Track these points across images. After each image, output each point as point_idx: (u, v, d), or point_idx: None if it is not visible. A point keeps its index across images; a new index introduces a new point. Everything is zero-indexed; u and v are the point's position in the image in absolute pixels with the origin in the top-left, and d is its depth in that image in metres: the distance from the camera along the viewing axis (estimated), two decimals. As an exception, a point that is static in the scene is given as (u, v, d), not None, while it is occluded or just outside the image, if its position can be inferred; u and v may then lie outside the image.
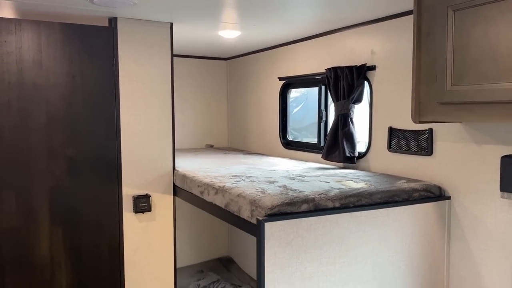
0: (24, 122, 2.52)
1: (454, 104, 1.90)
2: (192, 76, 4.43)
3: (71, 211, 2.67)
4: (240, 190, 2.16)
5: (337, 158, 2.93)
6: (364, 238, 2.07)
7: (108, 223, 2.78)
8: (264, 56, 3.96)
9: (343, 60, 2.96)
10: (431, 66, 1.98)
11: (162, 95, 2.93)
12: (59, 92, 2.60)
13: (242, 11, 2.59)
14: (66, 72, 2.61)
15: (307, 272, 1.94)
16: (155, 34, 2.86)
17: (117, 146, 2.78)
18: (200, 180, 2.58)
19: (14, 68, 2.47)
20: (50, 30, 2.56)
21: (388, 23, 2.64)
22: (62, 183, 2.63)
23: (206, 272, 4.31)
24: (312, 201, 1.96)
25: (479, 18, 1.76)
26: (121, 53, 2.76)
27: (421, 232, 2.23)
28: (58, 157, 2.61)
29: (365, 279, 2.09)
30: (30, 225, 2.56)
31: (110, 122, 2.76)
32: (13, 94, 2.48)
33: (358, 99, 2.87)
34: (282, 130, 3.78)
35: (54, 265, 2.64)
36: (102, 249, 2.77)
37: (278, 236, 1.85)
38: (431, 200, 2.27)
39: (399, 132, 2.60)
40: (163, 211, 2.98)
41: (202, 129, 4.55)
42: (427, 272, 2.26)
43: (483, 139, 2.12)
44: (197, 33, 3.22)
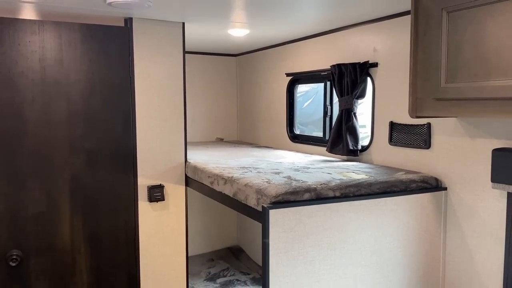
0: (46, 116, 2.69)
1: (448, 100, 2.02)
2: (202, 72, 4.58)
3: (90, 200, 2.85)
4: (247, 180, 2.32)
5: (341, 151, 3.07)
6: (363, 225, 2.21)
7: (124, 211, 2.96)
8: (272, 52, 4.10)
9: (347, 57, 3.09)
10: (427, 64, 2.10)
11: (175, 91, 3.09)
12: (78, 89, 2.77)
13: (251, 12, 2.73)
14: (85, 70, 2.78)
15: (309, 256, 2.09)
16: (168, 33, 3.01)
17: (133, 139, 2.95)
18: (210, 171, 2.74)
19: (38, 66, 2.65)
20: (70, 30, 2.72)
21: (389, 22, 2.75)
22: (81, 173, 2.81)
23: (216, 260, 4.50)
24: (314, 190, 2.11)
25: (471, 19, 1.88)
26: (136, 52, 2.92)
27: (417, 221, 2.36)
28: (77, 149, 2.79)
29: (364, 263, 2.23)
30: (53, 212, 2.75)
31: (126, 117, 2.92)
32: (37, 90, 2.66)
33: (361, 95, 3.00)
34: (289, 124, 3.92)
35: (74, 250, 2.83)
36: (119, 236, 2.95)
37: (281, 222, 2.01)
38: (428, 191, 2.39)
39: (400, 126, 2.73)
40: (176, 201, 3.15)
41: (213, 123, 4.71)
42: (424, 258, 2.40)
43: (476, 133, 2.24)
44: (207, 32, 3.37)
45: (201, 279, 4.06)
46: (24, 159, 2.65)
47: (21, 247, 2.68)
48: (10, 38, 2.57)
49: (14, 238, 2.67)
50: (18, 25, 2.59)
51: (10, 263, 2.64)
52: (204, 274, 4.17)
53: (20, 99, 2.63)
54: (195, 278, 4.02)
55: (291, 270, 2.05)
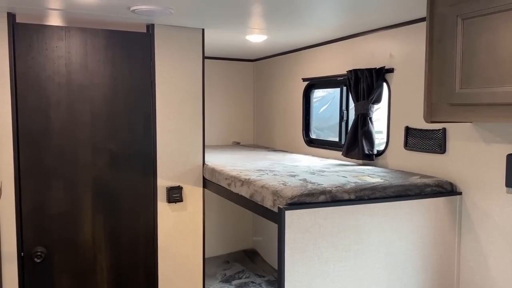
0: (71, 118, 2.80)
1: (462, 105, 2.05)
2: (220, 77, 4.67)
3: (111, 200, 2.95)
4: (264, 182, 2.38)
5: (356, 155, 3.11)
6: (377, 228, 2.25)
7: (144, 211, 3.05)
8: (289, 58, 4.16)
9: (363, 62, 3.13)
10: (442, 69, 2.14)
11: (194, 95, 3.17)
12: (102, 92, 2.88)
13: (269, 18, 2.80)
14: (109, 74, 2.88)
15: (324, 257, 2.13)
16: (188, 39, 3.10)
17: (153, 141, 3.04)
18: (227, 173, 2.81)
19: (64, 70, 2.76)
20: (95, 36, 2.83)
21: (405, 29, 2.79)
22: (104, 174, 2.91)
23: (231, 262, 4.55)
24: (329, 192, 2.16)
25: (485, 26, 1.91)
26: (158, 57, 3.01)
27: (432, 224, 2.38)
28: (100, 151, 2.89)
29: (378, 266, 2.27)
30: (75, 211, 2.85)
31: (147, 120, 3.02)
32: (63, 94, 2.77)
33: (377, 100, 3.03)
34: (305, 128, 3.97)
35: (96, 248, 2.92)
36: (138, 235, 3.04)
37: (297, 223, 2.06)
38: (443, 195, 2.42)
39: (415, 131, 2.76)
40: (194, 202, 3.23)
41: (229, 127, 4.79)
42: (438, 261, 2.42)
43: (491, 139, 2.26)
44: (226, 38, 3.46)
45: (217, 281, 4.12)
46: (50, 159, 2.77)
47: (45, 244, 2.79)
48: (38, 43, 2.69)
49: (39, 235, 2.78)
50: (46, 31, 2.72)
51: (35, 259, 2.75)
52: (219, 276, 4.23)
53: (47, 102, 2.74)
54: (211, 280, 4.09)
55: (306, 270, 2.10)
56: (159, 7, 2.49)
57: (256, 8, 2.58)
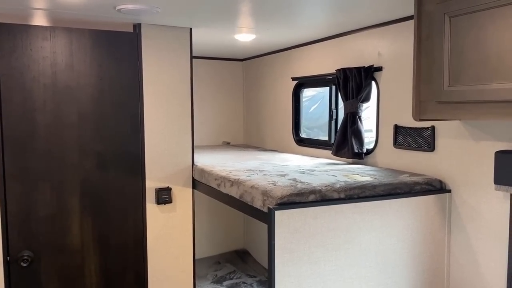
0: (57, 120, 2.76)
1: (451, 103, 2.06)
2: (209, 77, 4.64)
3: (99, 202, 2.90)
4: (253, 182, 2.36)
5: (346, 154, 3.10)
6: (368, 226, 2.24)
7: (132, 213, 3.01)
8: (278, 57, 4.15)
9: (352, 61, 3.13)
10: (430, 67, 2.14)
11: (182, 95, 3.15)
12: (88, 93, 2.83)
13: (257, 17, 2.78)
14: (95, 75, 2.84)
15: (314, 256, 2.12)
16: (176, 39, 3.07)
17: (141, 142, 3.01)
18: (217, 173, 2.79)
19: (49, 71, 2.72)
20: (81, 36, 2.79)
21: (393, 27, 2.79)
22: (91, 176, 2.87)
23: (223, 263, 4.53)
24: (319, 192, 2.15)
25: (472, 24, 1.91)
26: (145, 57, 2.98)
27: (422, 222, 2.39)
28: (88, 152, 2.85)
29: (368, 264, 2.26)
30: (63, 214, 2.81)
31: (135, 120, 2.98)
32: (48, 95, 2.73)
33: (366, 99, 3.03)
34: (295, 127, 3.96)
35: (84, 251, 2.88)
36: (127, 238, 3.00)
37: (287, 223, 2.04)
38: (433, 193, 2.42)
39: (404, 129, 2.76)
40: (183, 203, 3.20)
41: (219, 126, 4.77)
42: (428, 259, 2.42)
43: (480, 136, 2.27)
44: (214, 37, 3.43)
45: (208, 282, 4.10)
46: (35, 161, 2.72)
47: (32, 248, 2.74)
48: (22, 44, 2.64)
49: (25, 239, 2.73)
50: (30, 31, 2.67)
51: (21, 263, 2.70)
52: (210, 277, 4.21)
53: (32, 103, 2.69)
54: (202, 281, 4.06)
55: (297, 270, 2.09)
56: (145, 6, 2.46)
57: (244, 7, 2.57)
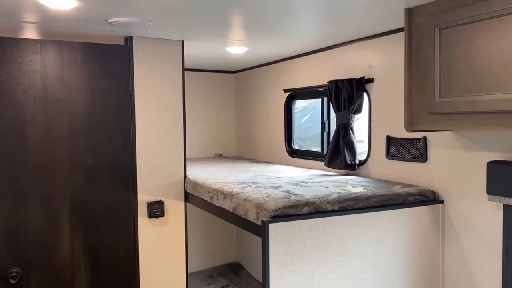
0: (48, 133, 2.73)
1: (442, 114, 2.07)
2: (201, 89, 4.64)
3: (90, 216, 2.86)
4: (246, 194, 2.34)
5: (339, 165, 3.10)
6: (362, 238, 2.23)
7: (124, 227, 2.97)
8: (270, 69, 4.16)
9: (343, 73, 3.15)
10: (421, 79, 2.16)
11: (174, 107, 3.13)
12: (79, 106, 2.81)
13: (249, 30, 2.79)
14: (86, 88, 2.83)
15: (309, 269, 2.10)
16: (167, 52, 3.07)
17: (133, 155, 2.98)
18: (210, 186, 2.77)
19: (39, 84, 2.69)
20: (72, 49, 2.78)
21: (384, 39, 2.82)
22: (82, 190, 2.83)
23: (216, 277, 4.48)
24: (313, 204, 2.14)
25: (462, 36, 1.94)
26: (137, 69, 2.97)
27: (416, 233, 2.38)
28: (78, 166, 2.81)
29: (363, 277, 2.25)
30: (53, 229, 2.76)
31: (126, 133, 2.96)
32: (38, 108, 2.70)
33: (358, 110, 3.04)
34: (287, 139, 3.96)
35: (75, 266, 2.83)
36: (119, 252, 2.96)
37: (281, 236, 2.02)
38: (426, 204, 2.42)
39: (396, 140, 2.77)
40: (175, 217, 3.17)
41: (211, 138, 4.75)
42: (423, 271, 2.41)
43: (471, 146, 2.28)
44: (206, 49, 3.43)
45: (201, 296, 4.05)
46: (25, 175, 2.68)
47: (21, 264, 2.68)
48: (12, 57, 2.62)
49: (14, 255, 2.67)
50: (21, 45, 2.65)
51: (10, 280, 2.64)
52: (203, 291, 4.15)
53: (22, 116, 2.66)
54: (194, 295, 4.01)
55: (291, 284, 2.06)
56: (137, 20, 2.46)
57: (236, 20, 2.57)
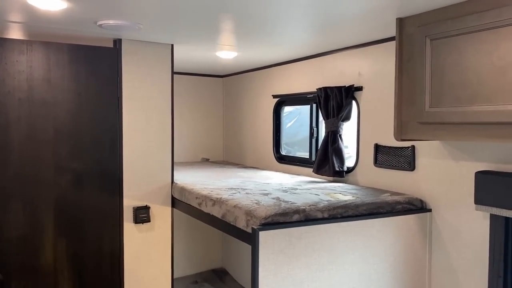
0: (32, 136, 2.66)
1: (432, 124, 2.09)
2: (188, 93, 4.60)
3: (74, 221, 2.80)
4: (236, 201, 2.32)
5: (327, 172, 3.11)
6: (351, 246, 2.23)
7: (109, 233, 2.92)
8: (259, 74, 4.16)
9: (333, 80, 3.16)
10: (411, 89, 2.17)
11: (162, 111, 3.10)
12: (66, 109, 2.76)
13: (239, 35, 2.78)
14: (73, 90, 2.77)
15: (298, 277, 2.09)
16: (156, 55, 3.04)
17: (119, 159, 2.94)
18: (198, 192, 2.74)
19: (25, 85, 2.63)
20: (59, 50, 2.72)
21: (374, 48, 2.84)
22: (67, 194, 2.77)
23: (200, 282, 4.43)
24: (303, 211, 2.13)
25: (452, 47, 1.96)
26: (125, 72, 2.93)
27: (403, 242, 2.39)
28: (63, 170, 2.75)
29: (352, 285, 2.24)
30: (36, 234, 2.69)
31: (113, 137, 2.91)
32: (23, 110, 2.64)
33: (347, 117, 3.06)
34: (275, 145, 3.95)
35: (58, 273, 2.76)
36: (103, 258, 2.90)
37: (271, 243, 2.01)
38: (414, 212, 2.44)
39: (384, 148, 2.78)
40: (162, 222, 3.12)
41: (198, 143, 4.71)
42: (410, 279, 2.42)
43: (460, 156, 2.31)
44: (195, 53, 3.41)
45: (185, 302, 3.99)
46: (7, 179, 2.61)
47: (2, 270, 2.61)
48: (-3, 57, 2.56)
49: (-5, 261, 2.60)
50: (6, 45, 2.59)
51: (-10, 287, 2.57)
52: (188, 297, 4.10)
53: (6, 118, 2.60)
54: (179, 301, 3.96)
55: (281, 292, 2.05)
56: (127, 22, 2.42)
57: (226, 25, 2.56)
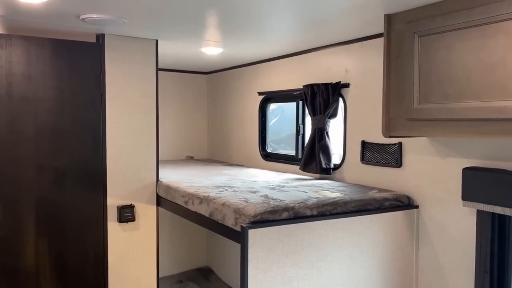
0: (12, 133, 2.58)
1: (420, 120, 2.10)
2: (172, 89, 4.53)
3: (57, 221, 2.73)
4: (224, 199, 2.29)
5: (314, 169, 3.10)
6: (340, 244, 2.23)
7: (93, 232, 2.85)
8: (245, 71, 4.12)
9: (319, 77, 3.15)
10: (400, 86, 2.17)
11: (147, 108, 3.04)
12: (47, 105, 2.67)
13: (225, 31, 2.74)
14: (54, 86, 2.69)
15: (287, 276, 2.07)
16: (141, 50, 2.98)
17: (103, 157, 2.87)
18: (184, 190, 2.69)
19: (4, 81, 2.54)
20: (40, 45, 2.64)
21: (360, 44, 2.83)
22: (48, 193, 2.69)
23: (185, 282, 4.38)
24: (292, 209, 2.11)
25: (441, 44, 1.97)
26: (108, 68, 2.86)
27: (391, 238, 2.40)
28: (45, 169, 2.67)
29: (340, 282, 2.24)
30: (17, 235, 2.61)
31: (96, 134, 2.84)
32: (2, 107, 2.55)
33: (333, 114, 3.05)
34: (261, 142, 3.93)
35: (40, 274, 2.68)
36: (87, 258, 2.83)
37: (260, 242, 1.99)
38: (401, 209, 2.45)
39: (371, 145, 2.79)
40: (147, 221, 3.07)
41: (183, 141, 4.65)
42: (398, 275, 2.43)
43: (446, 153, 2.32)
44: (180, 49, 3.36)
45: (170, 302, 3.94)
46: (-14, 178, 2.52)
47: (-19, 272, 2.53)
48: (-26, 52, 2.47)
49: (-27, 263, 2.51)
50: (-17, 39, 2.50)
51: (-32, 290, 2.48)
52: (173, 297, 4.05)
53: (-16, 116, 2.51)
54: (164, 301, 3.90)
55: (270, 290, 2.03)
56: (111, 16, 2.36)
57: (212, 21, 2.52)
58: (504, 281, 2.13)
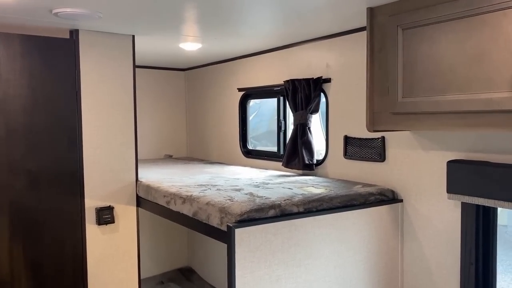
0: (-19, 135, 2.45)
1: (405, 114, 2.08)
2: (149, 87, 4.43)
3: (32, 225, 2.61)
4: (208, 198, 2.23)
5: (297, 165, 3.07)
6: (326, 240, 2.20)
7: (70, 236, 2.74)
8: (224, 67, 4.06)
9: (300, 72, 3.11)
10: (383, 79, 2.16)
11: (124, 106, 2.94)
12: (19, 105, 2.55)
13: (203, 25, 2.67)
14: (26, 84, 2.57)
15: (275, 274, 2.03)
16: (117, 46, 2.88)
17: (79, 158, 2.76)
18: (165, 190, 2.62)
19: (-29, 80, 2.41)
20: (9, 41, 2.51)
21: (341, 39, 2.81)
22: (22, 196, 2.57)
23: (166, 283, 4.30)
24: (279, 206, 2.07)
25: (425, 36, 1.96)
26: (83, 65, 2.75)
27: (377, 233, 2.39)
28: (18, 170, 2.55)
29: (328, 279, 2.22)
30: (-11, 241, 2.49)
31: (72, 134, 2.73)
32: (-30, 107, 2.42)
33: (315, 110, 3.03)
34: (242, 139, 3.88)
35: (15, 281, 2.56)
36: (64, 263, 2.73)
37: (247, 241, 1.94)
38: (386, 203, 2.44)
39: (354, 140, 2.77)
40: (127, 223, 2.98)
41: (161, 139, 4.56)
42: (384, 270, 2.43)
43: (430, 146, 2.33)
44: (158, 45, 3.26)
45: (152, 304, 3.86)
46: (-46, 182, 2.39)
47: (-49, 282, 2.40)
48: None
49: None
50: None
51: None
52: (154, 299, 3.97)
53: (-50, 116, 2.37)
54: (145, 303, 3.81)
55: (257, 290, 1.99)
56: (86, 11, 2.26)
57: (192, 15, 2.45)
58: (489, 273, 2.15)
